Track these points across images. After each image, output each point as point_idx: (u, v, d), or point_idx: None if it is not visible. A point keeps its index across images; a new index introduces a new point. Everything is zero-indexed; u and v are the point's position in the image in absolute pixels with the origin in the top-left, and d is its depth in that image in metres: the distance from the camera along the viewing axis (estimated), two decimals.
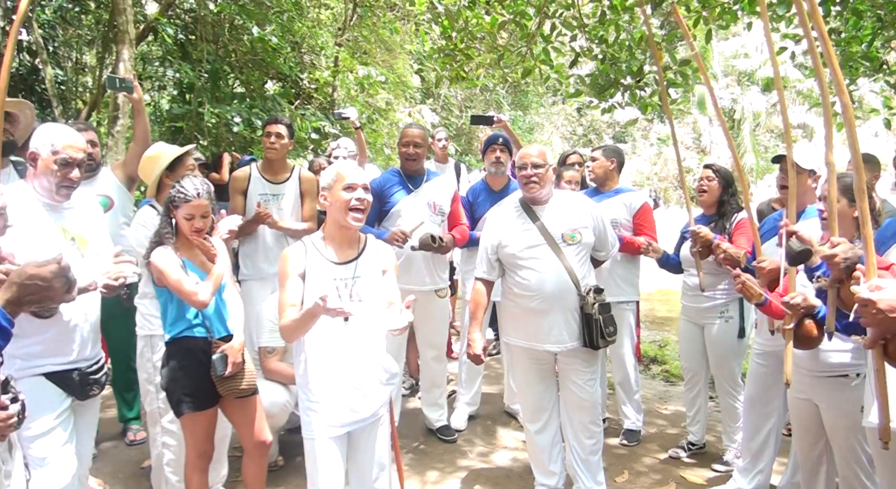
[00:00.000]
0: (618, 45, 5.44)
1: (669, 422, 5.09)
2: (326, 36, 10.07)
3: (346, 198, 2.72)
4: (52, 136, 2.66)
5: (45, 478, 2.59)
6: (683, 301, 4.35)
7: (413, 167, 4.48)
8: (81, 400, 2.77)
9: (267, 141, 4.45)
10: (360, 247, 2.88)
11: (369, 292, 2.83)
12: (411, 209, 4.36)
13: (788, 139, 2.77)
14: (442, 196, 4.49)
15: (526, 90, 16.26)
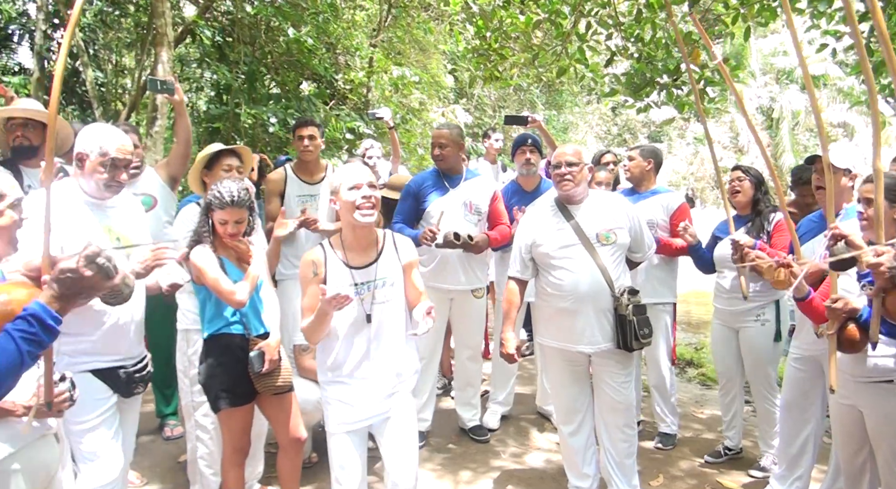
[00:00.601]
0: (654, 44, 5.38)
1: (705, 427, 5.01)
2: (361, 37, 10.14)
3: (351, 198, 2.74)
4: (101, 137, 2.69)
5: (94, 472, 2.66)
6: (716, 304, 4.27)
7: (442, 167, 4.45)
8: (126, 397, 2.83)
9: (301, 144, 4.49)
10: (379, 248, 2.89)
11: (390, 293, 2.86)
12: (446, 208, 4.32)
13: (823, 139, 2.70)
14: (479, 195, 4.45)
15: (560, 89, 16.15)
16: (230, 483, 3.15)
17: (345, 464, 2.82)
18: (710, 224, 4.40)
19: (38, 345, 1.49)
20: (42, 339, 1.50)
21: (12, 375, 1.44)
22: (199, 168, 3.60)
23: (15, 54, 11.70)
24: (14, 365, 1.43)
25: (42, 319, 1.51)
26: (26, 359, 1.46)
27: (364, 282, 2.81)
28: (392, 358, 2.86)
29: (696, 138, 26.36)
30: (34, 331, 1.49)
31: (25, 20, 10.98)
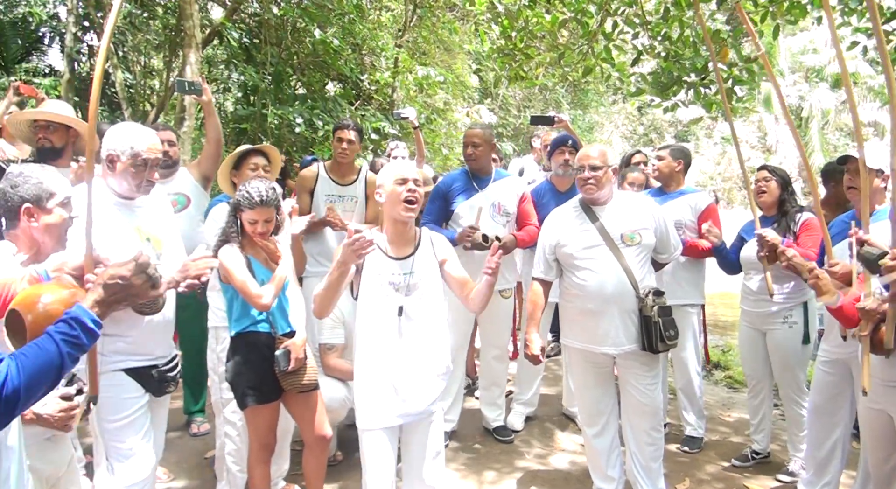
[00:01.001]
0: (682, 42, 5.32)
1: (733, 430, 4.95)
2: (386, 37, 10.17)
3: (398, 190, 2.77)
4: (132, 138, 2.72)
5: (127, 470, 2.69)
6: (743, 306, 4.22)
7: (474, 167, 4.46)
8: (157, 396, 2.87)
9: (339, 146, 4.53)
10: (416, 243, 2.93)
11: (426, 287, 2.88)
12: (473, 209, 4.33)
13: (860, 138, 2.65)
14: (508, 196, 4.45)
15: (586, 89, 16.06)
16: (256, 480, 3.18)
17: (376, 460, 2.81)
18: (738, 225, 4.34)
19: (78, 348, 1.51)
20: (83, 342, 1.52)
21: (52, 376, 1.46)
22: (228, 168, 3.66)
23: (45, 56, 11.93)
24: (55, 366, 1.45)
25: (83, 322, 1.53)
26: (66, 360, 1.48)
27: (401, 273, 2.83)
28: (426, 355, 2.86)
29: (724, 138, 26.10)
30: (75, 333, 1.51)
31: (56, 23, 11.18)
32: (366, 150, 9.03)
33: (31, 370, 1.40)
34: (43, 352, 1.45)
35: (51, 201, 2.21)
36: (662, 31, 5.36)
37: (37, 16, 11.07)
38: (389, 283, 2.81)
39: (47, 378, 1.45)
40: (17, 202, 2.16)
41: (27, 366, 1.39)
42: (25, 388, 1.38)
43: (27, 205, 2.16)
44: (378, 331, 2.81)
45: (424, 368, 2.85)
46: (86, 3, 8.98)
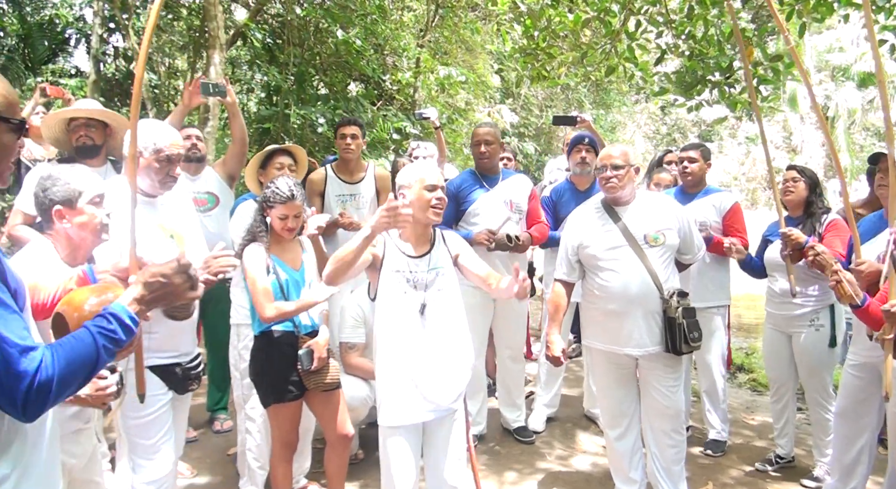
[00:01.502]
0: (706, 41, 5.27)
1: (756, 434, 4.89)
2: (409, 37, 10.19)
3: (427, 197, 2.80)
4: (154, 134, 2.77)
5: (149, 466, 2.73)
6: (768, 308, 4.17)
7: (487, 166, 4.47)
8: (181, 394, 2.89)
9: (343, 142, 4.53)
10: (432, 242, 2.95)
11: (445, 283, 2.90)
12: (489, 207, 4.34)
13: (890, 136, 2.61)
14: (519, 194, 4.46)
15: (608, 88, 15.97)
16: (278, 477, 3.21)
17: (398, 459, 2.82)
18: (762, 225, 4.29)
19: (114, 343, 1.52)
20: (119, 337, 1.53)
21: (87, 369, 1.47)
22: (255, 167, 3.71)
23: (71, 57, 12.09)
24: (90, 359, 1.46)
25: (120, 318, 1.55)
26: (102, 354, 1.49)
27: (418, 270, 2.85)
28: (448, 352, 2.86)
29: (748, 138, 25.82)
30: (112, 328, 1.52)
31: (82, 25, 11.32)
32: (387, 151, 9.05)
33: (66, 361, 1.40)
34: (79, 344, 1.46)
35: (80, 201, 2.25)
36: (687, 29, 5.32)
37: (63, 18, 11.22)
38: (408, 281, 2.83)
39: (82, 370, 1.45)
40: (48, 205, 2.21)
41: (62, 357, 1.40)
42: (59, 378, 1.38)
43: (57, 207, 2.21)
44: (399, 329, 2.82)
45: (447, 365, 2.86)
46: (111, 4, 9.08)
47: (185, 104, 4.05)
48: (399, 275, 2.83)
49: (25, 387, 1.33)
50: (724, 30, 5.20)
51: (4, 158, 1.50)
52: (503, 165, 6.21)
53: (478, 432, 4.52)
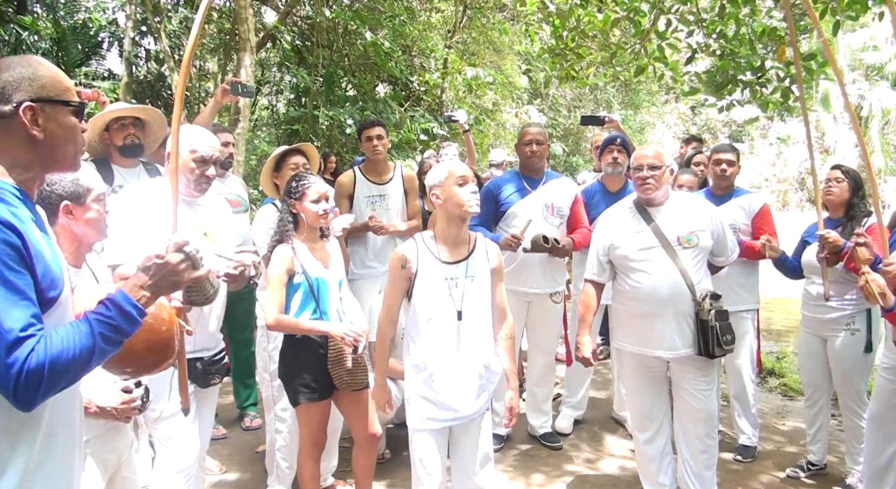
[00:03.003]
0: (737, 40, 5.20)
1: (788, 440, 4.81)
2: (436, 38, 10.21)
3: (459, 192, 2.79)
4: (190, 136, 2.82)
5: (170, 458, 2.76)
6: (804, 311, 4.09)
7: (535, 166, 4.38)
8: (203, 387, 2.92)
9: (370, 145, 4.54)
10: (471, 247, 2.92)
11: (480, 290, 2.88)
12: (527, 210, 4.25)
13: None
14: (561, 197, 4.36)
15: (637, 88, 15.84)
16: (306, 476, 3.23)
17: (426, 461, 2.84)
18: (793, 228, 4.21)
19: (113, 330, 1.48)
20: (119, 325, 1.49)
21: (86, 356, 1.43)
22: (270, 171, 3.72)
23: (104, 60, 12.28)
24: (87, 346, 1.43)
25: (119, 305, 1.50)
26: (99, 342, 1.45)
27: (455, 277, 2.84)
28: (478, 357, 2.87)
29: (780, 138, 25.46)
30: (110, 314, 1.48)
31: (115, 28, 11.50)
32: (415, 151, 9.07)
33: (59, 348, 1.38)
34: (74, 331, 1.43)
35: (88, 197, 2.27)
36: (718, 28, 5.25)
37: (96, 21, 11.41)
38: (444, 288, 2.82)
39: (78, 358, 1.41)
40: (55, 200, 2.22)
41: (55, 344, 1.37)
42: (51, 365, 1.35)
43: (66, 202, 2.22)
44: (436, 335, 2.82)
45: (475, 372, 2.86)
46: (143, 8, 9.22)
47: (217, 101, 4.11)
48: (434, 282, 2.82)
49: (15, 374, 1.32)
50: (755, 28, 5.13)
51: (71, 140, 1.56)
52: None
53: (504, 433, 4.50)
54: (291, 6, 9.14)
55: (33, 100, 1.48)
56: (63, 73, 1.58)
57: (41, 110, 1.49)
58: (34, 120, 1.48)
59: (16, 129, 1.48)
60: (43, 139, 1.50)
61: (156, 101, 10.97)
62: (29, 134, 1.48)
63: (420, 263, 2.83)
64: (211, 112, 4.15)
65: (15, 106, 1.47)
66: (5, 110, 1.47)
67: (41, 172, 1.58)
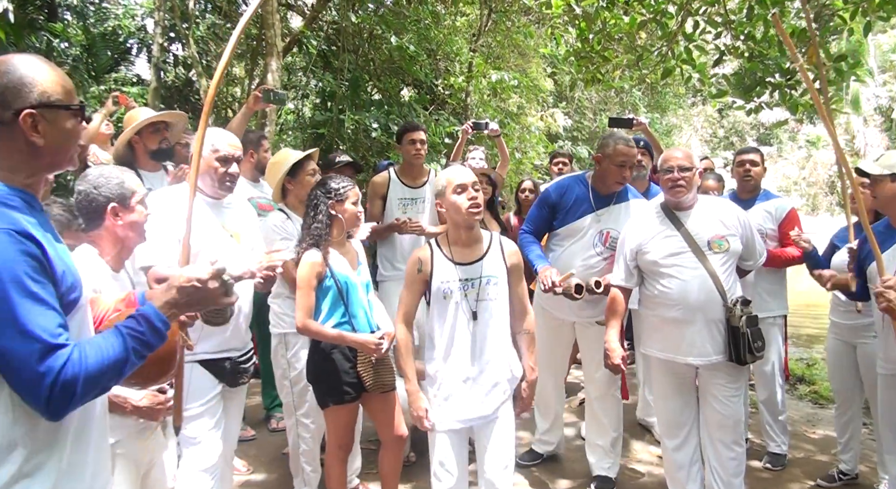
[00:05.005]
0: (766, 42, 5.14)
1: (818, 448, 4.72)
2: (461, 42, 10.22)
3: (459, 200, 2.81)
4: (212, 137, 2.89)
5: (195, 456, 2.80)
6: (833, 317, 4.02)
7: (616, 190, 3.85)
8: (231, 387, 2.96)
9: (413, 149, 4.58)
10: (486, 247, 2.93)
11: (495, 292, 2.89)
12: (579, 235, 3.82)
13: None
14: (623, 224, 3.72)
15: (664, 91, 15.72)
16: (333, 477, 3.25)
17: (445, 461, 2.85)
18: (823, 232, 4.13)
19: (144, 345, 1.50)
20: (149, 340, 1.51)
21: (117, 369, 1.45)
22: (283, 176, 3.71)
23: (133, 66, 12.46)
24: (119, 360, 1.45)
25: (151, 320, 1.52)
26: (131, 356, 1.47)
27: (469, 278, 2.85)
28: (496, 358, 2.88)
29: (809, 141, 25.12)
30: (142, 329, 1.50)
31: (143, 34, 11.67)
32: (439, 155, 9.08)
33: (94, 360, 1.39)
34: (107, 343, 1.44)
35: (133, 199, 2.31)
36: (746, 30, 5.19)
37: (125, 28, 11.58)
38: (459, 290, 2.84)
39: (110, 371, 1.43)
40: (102, 202, 2.26)
41: (89, 356, 1.39)
42: (85, 377, 1.37)
43: (113, 204, 2.25)
44: (451, 335, 2.85)
45: (495, 370, 2.88)
46: (172, 14, 9.33)
47: (249, 107, 4.15)
48: (449, 284, 2.85)
49: (49, 384, 1.32)
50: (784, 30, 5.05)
51: (72, 143, 1.54)
52: (558, 169, 6.16)
53: (545, 452, 4.34)
54: (318, 11, 9.20)
55: (34, 106, 1.44)
56: (64, 74, 1.55)
57: (42, 116, 1.46)
58: (34, 126, 1.45)
59: (16, 134, 1.45)
60: (43, 145, 1.47)
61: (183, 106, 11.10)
62: (29, 140, 1.45)
63: (435, 266, 2.87)
64: (243, 118, 4.19)
65: (15, 112, 1.43)
66: (5, 117, 1.44)
67: (45, 174, 1.56)
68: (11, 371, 1.33)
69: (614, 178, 3.74)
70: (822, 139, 24.85)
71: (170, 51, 10.82)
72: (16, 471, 1.38)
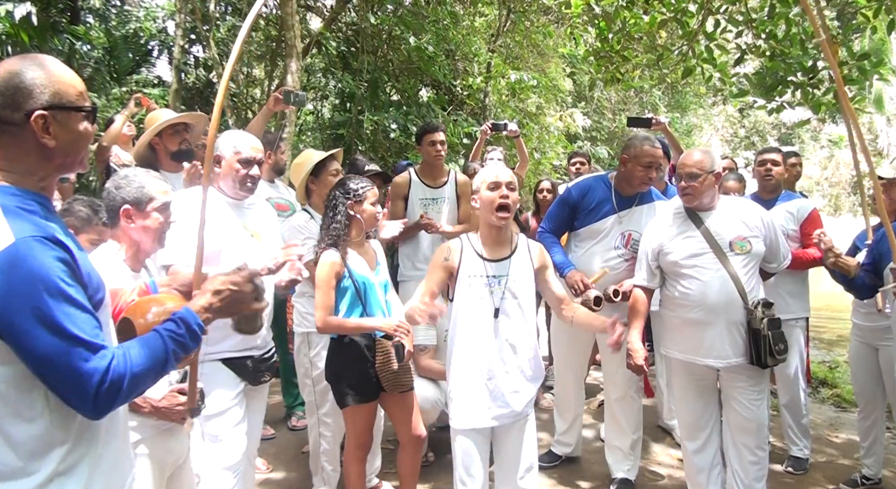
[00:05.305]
0: (788, 40, 5.08)
1: (840, 452, 4.66)
2: (480, 43, 10.21)
3: (491, 196, 2.83)
4: (233, 139, 2.93)
5: (218, 453, 2.81)
6: (855, 319, 3.97)
7: (641, 191, 3.84)
8: (254, 385, 2.97)
9: (433, 150, 4.60)
10: (513, 247, 2.95)
11: (520, 290, 2.89)
12: (603, 236, 3.80)
13: None
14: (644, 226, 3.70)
15: (684, 91, 15.61)
16: (352, 477, 3.25)
17: (468, 461, 2.85)
18: (845, 233, 4.07)
19: (183, 348, 1.54)
20: (187, 343, 1.55)
21: (156, 371, 1.49)
22: (307, 177, 3.73)
23: (154, 68, 12.60)
24: (159, 361, 1.48)
25: (189, 324, 1.56)
26: (171, 358, 1.51)
27: (496, 275, 2.86)
28: (517, 357, 2.87)
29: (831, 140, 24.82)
30: (182, 332, 1.54)
31: (164, 37, 11.79)
32: (458, 155, 9.08)
33: (137, 361, 1.43)
34: (149, 346, 1.48)
35: (149, 205, 2.32)
36: (767, 28, 5.14)
37: (147, 30, 11.70)
38: (484, 286, 2.85)
39: (151, 371, 1.47)
40: (118, 203, 2.28)
41: (134, 357, 1.43)
42: (131, 378, 1.40)
43: (126, 206, 2.28)
44: (473, 332, 2.85)
45: (516, 370, 2.88)
46: (193, 17, 9.42)
47: (269, 109, 4.17)
48: (475, 279, 2.86)
49: (96, 384, 1.35)
50: (806, 28, 5.00)
51: (83, 145, 1.53)
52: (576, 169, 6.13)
53: (563, 453, 4.31)
54: (337, 13, 9.25)
55: (45, 108, 1.43)
56: (76, 76, 1.53)
57: (53, 118, 1.44)
58: (45, 128, 1.43)
59: (27, 136, 1.44)
60: (55, 146, 1.46)
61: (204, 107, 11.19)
62: (40, 142, 1.44)
63: (463, 259, 2.88)
64: (262, 119, 4.22)
65: (26, 114, 1.42)
66: (16, 118, 1.42)
67: (57, 176, 1.56)
68: (57, 375, 1.35)
69: (640, 179, 3.72)
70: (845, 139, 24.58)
71: (190, 53, 10.93)
72: (53, 469, 1.41)
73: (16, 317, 1.31)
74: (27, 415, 1.39)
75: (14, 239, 1.32)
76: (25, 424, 1.39)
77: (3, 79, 1.42)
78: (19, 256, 1.32)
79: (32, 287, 1.32)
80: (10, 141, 1.44)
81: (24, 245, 1.33)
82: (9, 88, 1.42)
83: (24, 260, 1.32)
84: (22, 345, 1.33)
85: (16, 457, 1.38)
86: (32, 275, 1.32)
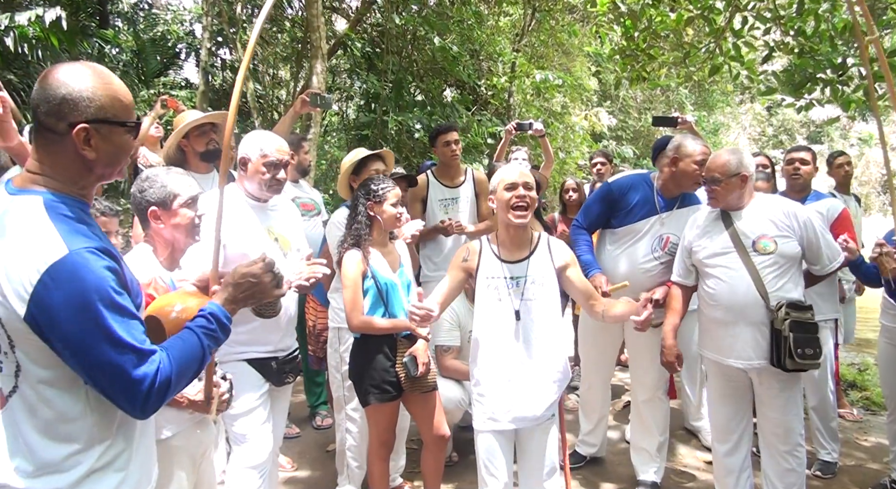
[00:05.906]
0: (817, 37, 5.01)
1: (870, 456, 4.58)
2: (504, 42, 10.21)
3: (507, 197, 2.81)
4: (261, 141, 2.93)
5: (245, 453, 2.84)
6: (883, 320, 3.90)
7: (688, 192, 3.73)
8: (278, 386, 3.00)
9: (448, 149, 4.62)
10: (532, 247, 2.93)
11: (541, 291, 2.87)
12: (639, 238, 3.72)
13: None
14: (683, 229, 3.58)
15: (711, 89, 15.45)
16: (376, 475, 3.28)
17: (490, 462, 2.84)
18: (875, 233, 3.99)
19: (215, 342, 1.60)
20: (219, 336, 1.61)
21: (196, 367, 1.56)
22: (349, 174, 3.78)
23: (181, 70, 12.77)
24: (197, 358, 1.55)
25: (219, 318, 1.63)
26: (207, 353, 1.57)
27: (514, 276, 2.85)
28: (541, 359, 2.86)
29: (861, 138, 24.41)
30: (213, 327, 1.60)
31: (192, 39, 11.94)
32: (482, 155, 9.08)
33: (180, 360, 1.49)
34: (188, 344, 1.54)
35: (175, 202, 2.35)
36: (796, 25, 5.07)
37: (174, 33, 11.87)
38: (504, 287, 2.84)
39: (192, 368, 1.54)
40: (144, 205, 2.32)
41: (176, 357, 1.48)
42: (176, 377, 1.47)
43: (153, 208, 2.31)
44: (495, 334, 2.85)
45: (540, 373, 2.85)
46: (220, 19, 9.52)
47: (296, 111, 4.21)
48: (494, 281, 2.85)
49: (146, 388, 1.41)
50: (835, 24, 4.92)
51: (123, 157, 1.55)
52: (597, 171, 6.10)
53: (588, 454, 4.30)
54: (362, 14, 9.29)
55: (88, 121, 1.43)
56: (126, 88, 1.54)
57: (95, 131, 1.44)
58: (86, 140, 1.44)
59: (68, 145, 1.44)
60: (94, 159, 1.47)
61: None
62: (80, 153, 1.45)
63: (482, 260, 2.88)
64: (289, 121, 4.26)
65: (69, 125, 1.43)
66: (59, 128, 1.43)
67: (95, 185, 1.58)
68: (109, 380, 1.40)
69: (693, 178, 3.56)
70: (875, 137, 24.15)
71: (217, 55, 11.06)
72: (92, 464, 1.48)
73: (72, 328, 1.35)
74: (69, 416, 1.45)
75: (68, 251, 1.36)
76: (67, 424, 1.45)
77: (51, 86, 1.44)
78: (75, 269, 1.35)
79: (89, 299, 1.35)
80: (53, 149, 1.47)
81: (79, 257, 1.36)
82: (55, 97, 1.43)
83: (79, 272, 1.36)
84: (77, 354, 1.37)
85: (58, 454, 1.45)
86: (88, 287, 1.36)
